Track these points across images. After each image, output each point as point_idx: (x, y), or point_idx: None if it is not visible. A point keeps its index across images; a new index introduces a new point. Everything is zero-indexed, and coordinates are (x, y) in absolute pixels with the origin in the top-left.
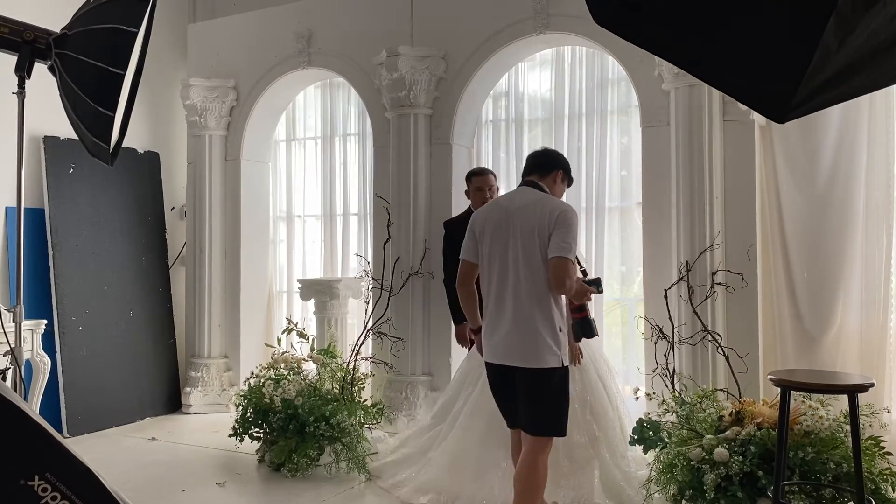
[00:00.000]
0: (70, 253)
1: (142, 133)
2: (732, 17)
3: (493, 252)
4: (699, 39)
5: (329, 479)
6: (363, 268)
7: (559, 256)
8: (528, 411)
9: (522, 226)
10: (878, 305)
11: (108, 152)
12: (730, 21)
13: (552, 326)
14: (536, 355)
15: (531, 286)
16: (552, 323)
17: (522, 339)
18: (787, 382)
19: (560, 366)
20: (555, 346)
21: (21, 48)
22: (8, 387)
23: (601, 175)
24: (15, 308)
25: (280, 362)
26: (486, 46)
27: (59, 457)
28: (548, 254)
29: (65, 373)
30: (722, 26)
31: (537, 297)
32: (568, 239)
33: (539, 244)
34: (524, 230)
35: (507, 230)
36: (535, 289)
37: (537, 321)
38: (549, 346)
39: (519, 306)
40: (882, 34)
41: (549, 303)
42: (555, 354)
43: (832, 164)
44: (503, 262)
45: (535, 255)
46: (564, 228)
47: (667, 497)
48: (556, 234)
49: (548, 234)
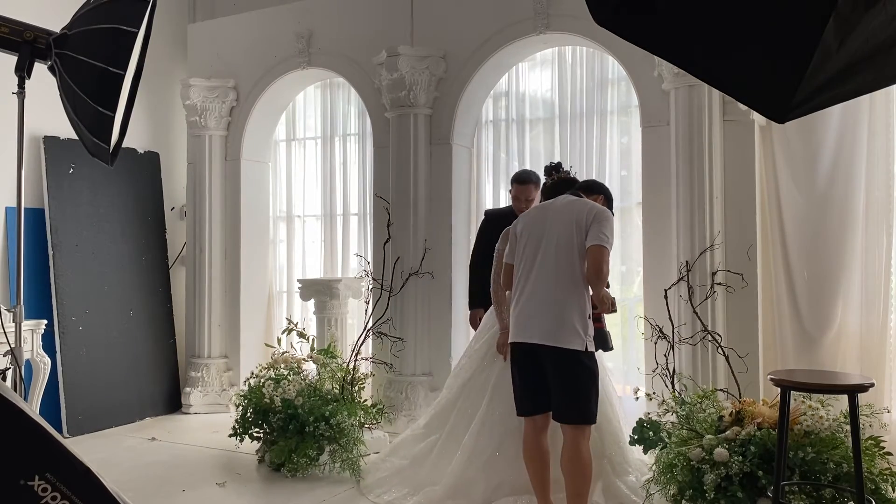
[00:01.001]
0: (70, 253)
1: (142, 133)
2: (732, 17)
3: (530, 241)
4: (699, 39)
5: (330, 480)
6: (363, 268)
7: (598, 245)
8: (556, 397)
9: (561, 218)
10: (878, 305)
11: (108, 152)
12: (730, 21)
13: (582, 311)
14: (563, 336)
15: (565, 271)
16: (582, 308)
17: (552, 319)
18: (787, 382)
19: (584, 349)
20: (581, 330)
21: (21, 48)
22: (8, 387)
23: (601, 175)
24: (15, 308)
25: (280, 362)
26: (486, 46)
27: (59, 457)
28: (586, 243)
29: (65, 373)
30: (722, 26)
31: (570, 282)
32: (606, 231)
33: (576, 233)
34: (562, 221)
35: (545, 221)
36: (569, 274)
37: (567, 304)
38: (576, 329)
39: (552, 289)
40: (882, 34)
41: (581, 288)
42: (580, 338)
43: (832, 164)
44: (538, 248)
45: (570, 243)
46: (602, 222)
47: (667, 497)
48: (595, 226)
49: (585, 227)
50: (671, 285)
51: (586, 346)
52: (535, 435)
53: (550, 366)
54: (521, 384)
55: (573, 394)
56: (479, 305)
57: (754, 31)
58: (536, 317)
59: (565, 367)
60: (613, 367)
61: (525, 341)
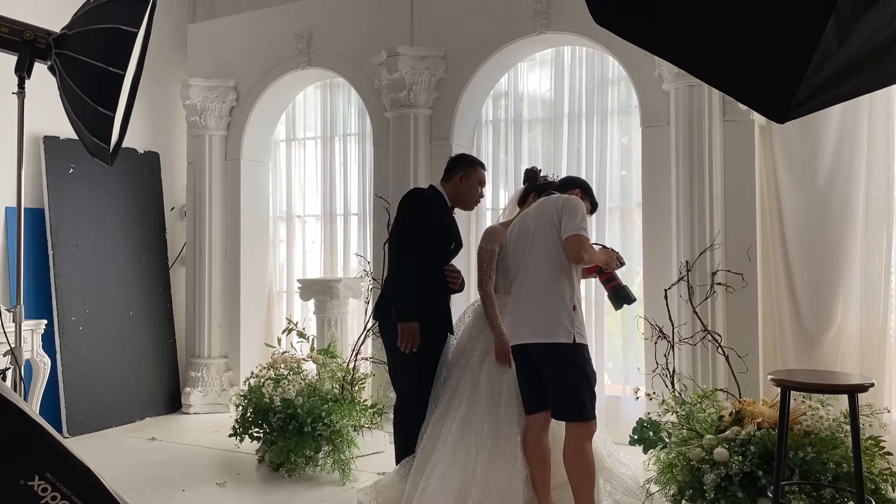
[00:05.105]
0: (70, 253)
1: (142, 133)
2: (732, 17)
3: (517, 248)
4: (699, 39)
5: (329, 480)
6: (363, 268)
7: (571, 235)
8: (550, 395)
9: (537, 220)
10: (878, 305)
11: (108, 152)
12: (729, 21)
13: (567, 305)
14: (548, 331)
15: (546, 270)
16: (564, 301)
17: (537, 317)
18: (787, 382)
19: (572, 342)
20: (568, 322)
21: (21, 48)
22: (8, 387)
23: (601, 175)
24: (15, 308)
25: (280, 362)
26: (486, 46)
27: (59, 457)
28: (562, 237)
29: (65, 373)
30: (722, 26)
31: (553, 279)
32: (576, 220)
33: (551, 230)
34: (539, 222)
35: (527, 227)
36: (551, 272)
37: (551, 300)
38: (561, 322)
39: (536, 289)
40: (882, 34)
41: (564, 284)
42: (566, 330)
43: (832, 164)
44: (523, 254)
45: (546, 241)
46: (571, 212)
47: (667, 497)
48: (566, 217)
49: (558, 221)
50: (671, 285)
51: (574, 339)
52: (536, 433)
53: (541, 364)
54: (521, 384)
55: (564, 391)
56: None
57: (754, 31)
58: (524, 318)
59: (555, 364)
60: (613, 367)
61: (517, 343)
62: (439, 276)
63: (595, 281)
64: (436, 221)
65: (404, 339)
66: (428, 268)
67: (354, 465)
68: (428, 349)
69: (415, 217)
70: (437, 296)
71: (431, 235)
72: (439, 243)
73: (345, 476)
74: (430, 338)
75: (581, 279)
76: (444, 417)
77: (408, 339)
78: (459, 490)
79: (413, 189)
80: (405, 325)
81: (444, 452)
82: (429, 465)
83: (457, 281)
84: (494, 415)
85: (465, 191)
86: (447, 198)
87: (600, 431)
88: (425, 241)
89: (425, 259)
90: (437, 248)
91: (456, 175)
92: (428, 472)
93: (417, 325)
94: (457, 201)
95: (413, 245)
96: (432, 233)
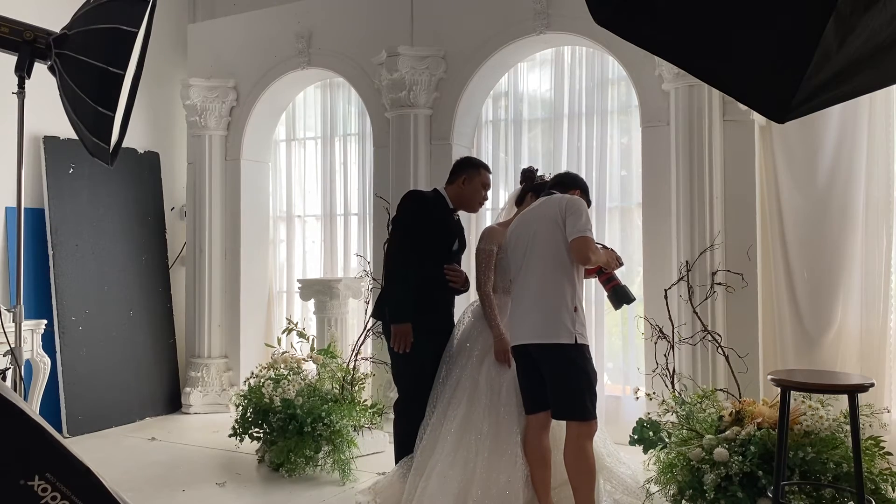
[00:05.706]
0: (70, 253)
1: (142, 133)
2: (732, 17)
3: (518, 247)
4: (699, 39)
5: (329, 480)
6: (363, 268)
7: (578, 237)
8: (551, 395)
9: (540, 219)
10: (878, 305)
11: (108, 152)
12: (730, 21)
13: (569, 305)
14: (550, 331)
15: (549, 269)
16: (566, 301)
17: (539, 317)
18: (787, 382)
19: (573, 342)
20: (570, 323)
21: (21, 48)
22: (8, 387)
23: (601, 175)
24: (15, 308)
25: (280, 362)
26: (486, 46)
27: (59, 457)
28: (567, 238)
29: (65, 373)
30: (722, 26)
31: (555, 279)
32: (581, 221)
33: (555, 230)
34: (542, 222)
35: (529, 226)
36: (553, 272)
37: (554, 300)
38: (563, 322)
39: (538, 288)
40: (882, 34)
41: (566, 284)
42: (567, 330)
43: (832, 164)
44: (525, 253)
45: (549, 241)
46: (576, 214)
47: (667, 497)
48: (570, 220)
49: (562, 221)
50: (671, 285)
51: (576, 339)
52: (536, 433)
53: (542, 363)
54: (522, 384)
55: (565, 391)
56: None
57: (754, 31)
58: (526, 318)
59: (555, 364)
60: (613, 367)
61: (518, 343)
62: (439, 277)
63: (595, 281)
64: (434, 222)
65: (397, 340)
66: (426, 268)
67: (354, 465)
68: (428, 349)
69: (409, 218)
70: (436, 296)
71: (428, 236)
72: (438, 244)
73: (345, 476)
74: (430, 338)
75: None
76: (443, 417)
77: (400, 340)
78: (459, 490)
79: (410, 191)
80: (398, 327)
81: (444, 452)
82: (428, 465)
83: (458, 280)
84: (494, 414)
85: (468, 193)
86: (450, 200)
87: (600, 431)
88: (419, 243)
89: (422, 260)
90: (435, 248)
91: (459, 178)
92: (427, 472)
93: (410, 326)
94: (460, 204)
95: (406, 247)
96: (429, 234)
